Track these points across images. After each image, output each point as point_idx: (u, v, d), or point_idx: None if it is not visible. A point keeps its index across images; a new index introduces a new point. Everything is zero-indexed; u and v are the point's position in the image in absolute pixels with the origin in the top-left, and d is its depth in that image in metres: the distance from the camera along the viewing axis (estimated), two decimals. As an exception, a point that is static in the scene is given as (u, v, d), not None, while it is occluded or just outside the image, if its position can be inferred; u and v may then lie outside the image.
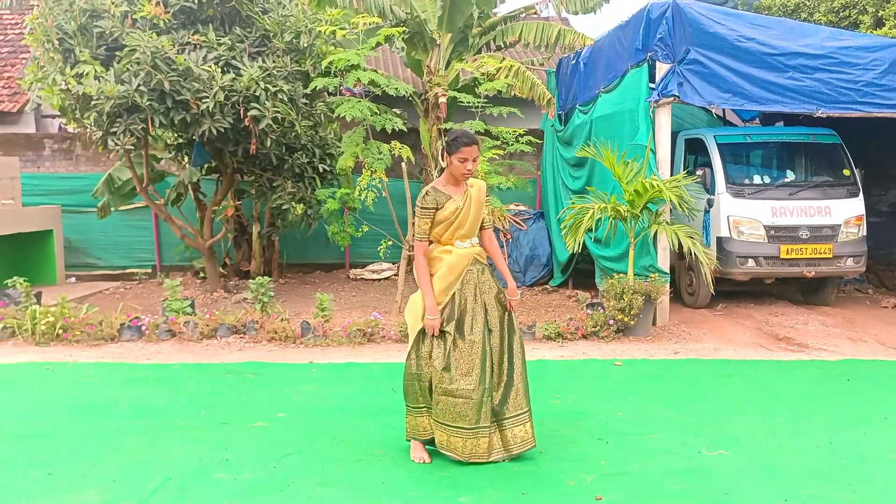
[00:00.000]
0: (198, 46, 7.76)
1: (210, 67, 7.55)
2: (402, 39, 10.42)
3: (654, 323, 7.43)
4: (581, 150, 8.36)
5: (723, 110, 10.77)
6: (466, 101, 8.75)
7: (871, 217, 8.81)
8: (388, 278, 10.69)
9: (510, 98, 9.67)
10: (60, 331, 6.86)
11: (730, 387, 5.50)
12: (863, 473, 3.81)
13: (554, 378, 5.62)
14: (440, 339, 3.78)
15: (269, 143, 8.13)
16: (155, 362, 6.23)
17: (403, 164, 8.14)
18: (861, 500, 3.51)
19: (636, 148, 7.56)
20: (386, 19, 9.66)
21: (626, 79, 7.96)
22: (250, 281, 8.23)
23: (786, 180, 8.65)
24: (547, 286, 9.99)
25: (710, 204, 8.41)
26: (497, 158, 8.71)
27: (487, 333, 3.82)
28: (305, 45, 8.31)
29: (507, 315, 3.93)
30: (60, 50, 7.81)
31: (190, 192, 9.99)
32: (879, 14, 10.11)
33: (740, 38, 7.45)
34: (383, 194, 8.30)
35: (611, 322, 7.01)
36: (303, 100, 8.31)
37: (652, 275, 7.28)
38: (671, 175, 7.85)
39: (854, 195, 8.40)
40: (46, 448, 4.15)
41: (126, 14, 7.78)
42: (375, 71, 8.77)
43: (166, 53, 7.43)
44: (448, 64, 10.20)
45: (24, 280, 7.70)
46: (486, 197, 4.02)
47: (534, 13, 11.16)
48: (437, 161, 9.28)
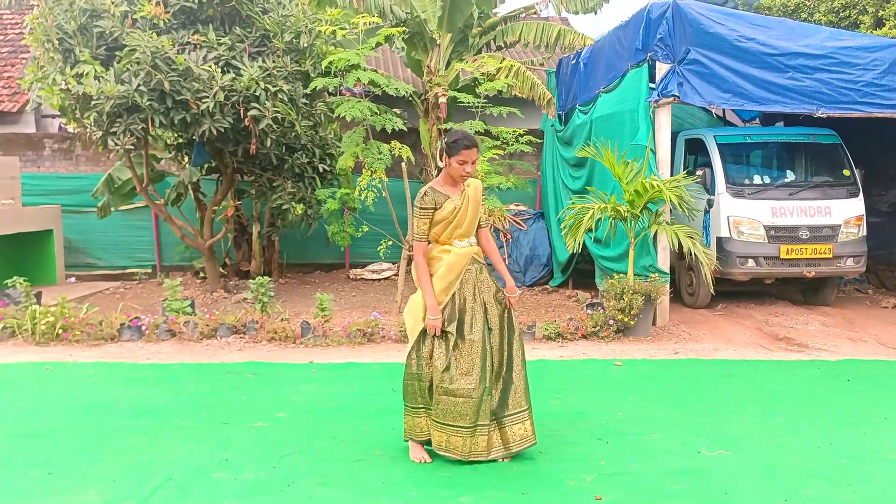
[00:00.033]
0: (198, 46, 7.77)
1: (210, 67, 7.55)
2: (402, 39, 10.43)
3: (654, 323, 7.43)
4: (581, 150, 8.36)
5: (723, 110, 10.77)
6: (466, 101, 8.75)
7: (871, 217, 8.81)
8: (388, 278, 10.70)
9: (510, 98, 9.67)
10: (60, 331, 6.87)
11: (730, 387, 5.50)
12: (863, 473, 3.81)
13: (554, 378, 5.62)
14: (441, 340, 3.78)
15: (269, 143, 8.13)
16: (155, 362, 6.23)
17: (403, 164, 8.14)
18: (861, 500, 3.51)
19: (636, 148, 7.56)
20: (386, 19, 9.66)
21: (626, 79, 7.97)
22: (250, 281, 8.23)
23: (786, 180, 8.65)
24: (547, 286, 9.99)
25: (710, 204, 8.41)
26: (497, 158, 8.71)
27: (487, 332, 3.83)
28: (305, 45, 8.31)
29: (507, 313, 3.93)
30: (60, 50, 7.81)
31: (190, 192, 9.99)
32: (879, 14, 10.11)
33: (740, 39, 7.45)
34: (383, 194, 8.31)
35: (611, 322, 7.01)
36: (303, 100, 8.31)
37: (652, 275, 7.28)
38: (671, 175, 7.85)
39: (854, 195, 8.40)
40: (46, 448, 4.15)
41: (126, 14, 7.79)
42: (375, 71, 8.77)
43: (166, 53, 7.43)
44: (448, 64, 10.20)
45: (24, 280, 7.70)
46: (483, 196, 4.02)
47: (534, 13, 11.17)
48: (437, 161, 9.28)
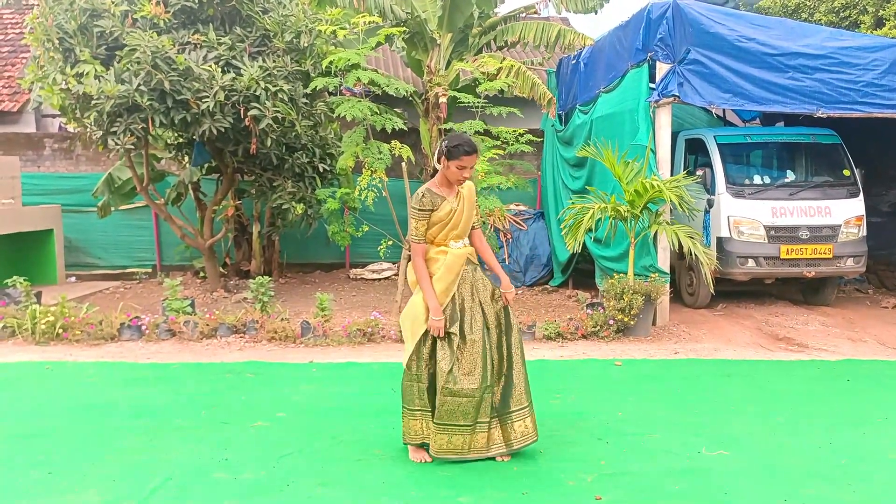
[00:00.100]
0: (198, 46, 7.77)
1: (210, 67, 7.55)
2: (403, 39, 10.43)
3: (654, 323, 7.43)
4: (581, 150, 8.36)
5: (723, 110, 10.77)
6: (467, 101, 8.75)
7: (872, 217, 8.81)
8: (388, 278, 10.69)
9: (510, 98, 9.68)
10: (60, 330, 6.86)
11: (730, 387, 5.50)
12: (863, 473, 3.81)
13: (554, 378, 5.62)
14: (444, 341, 3.78)
15: (270, 143, 8.13)
16: (155, 362, 6.23)
17: (403, 164, 8.14)
18: (861, 500, 3.51)
19: (636, 148, 7.56)
20: (386, 19, 9.66)
21: (627, 79, 7.96)
22: (250, 280, 8.23)
23: (786, 180, 8.65)
24: (547, 286, 9.99)
25: (711, 204, 8.41)
26: (497, 158, 8.70)
27: (486, 331, 3.84)
28: (306, 45, 8.31)
29: (504, 311, 3.95)
30: (61, 49, 7.81)
31: (190, 192, 9.98)
32: (880, 14, 10.11)
33: (741, 39, 7.45)
34: (383, 194, 8.31)
35: (611, 322, 7.01)
36: (303, 99, 8.31)
37: (652, 275, 7.28)
38: (671, 175, 7.85)
39: (854, 195, 8.40)
40: (46, 448, 4.15)
41: (126, 13, 7.79)
42: (376, 71, 8.77)
43: (166, 53, 7.43)
44: (448, 64, 10.20)
45: (25, 279, 7.69)
46: (475, 198, 4.05)
47: (534, 12, 11.17)
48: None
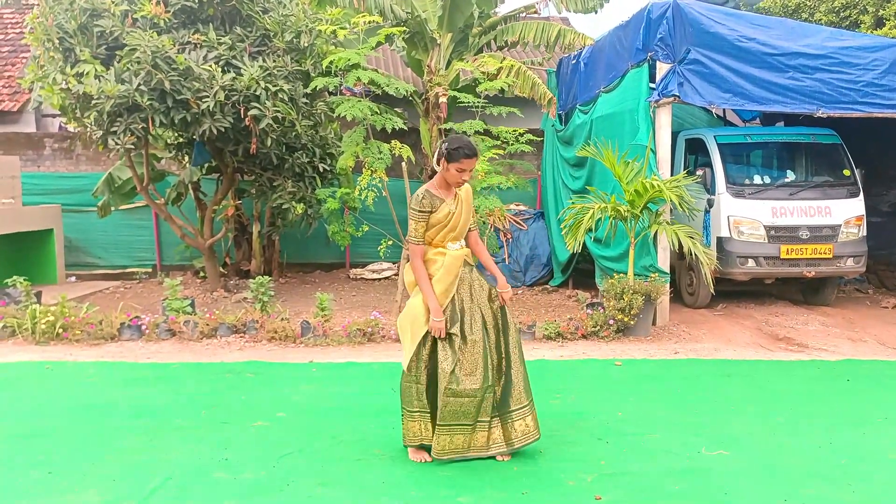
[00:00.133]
0: (198, 46, 7.76)
1: (210, 67, 7.55)
2: (403, 39, 10.43)
3: (654, 323, 7.43)
4: (581, 150, 8.36)
5: (723, 110, 10.77)
6: (467, 101, 8.75)
7: (872, 217, 8.80)
8: (389, 278, 10.69)
9: (510, 98, 9.67)
10: (60, 330, 6.86)
11: (730, 387, 5.50)
12: (863, 473, 3.81)
13: (554, 378, 5.62)
14: (444, 342, 3.78)
15: (270, 143, 8.13)
16: (155, 362, 6.23)
17: (404, 164, 8.14)
18: (861, 500, 3.51)
19: (636, 148, 7.56)
20: (386, 19, 9.66)
21: (627, 79, 7.96)
22: (250, 280, 8.23)
23: (786, 180, 8.65)
24: (547, 286, 10.00)
25: (711, 204, 8.41)
26: (497, 158, 8.70)
27: (485, 332, 3.85)
28: (306, 45, 8.31)
29: (501, 311, 3.97)
30: (61, 49, 7.81)
31: (190, 192, 9.98)
32: (880, 14, 10.11)
33: (741, 38, 7.45)
34: (383, 194, 8.30)
35: (611, 322, 7.01)
36: (303, 99, 8.31)
37: (652, 275, 7.27)
38: (671, 175, 7.85)
39: (854, 195, 8.40)
40: (46, 448, 4.15)
41: (126, 13, 7.79)
42: (376, 70, 8.77)
43: (167, 53, 7.43)
44: (448, 63, 10.20)
45: (25, 279, 7.69)
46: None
47: (534, 12, 11.17)
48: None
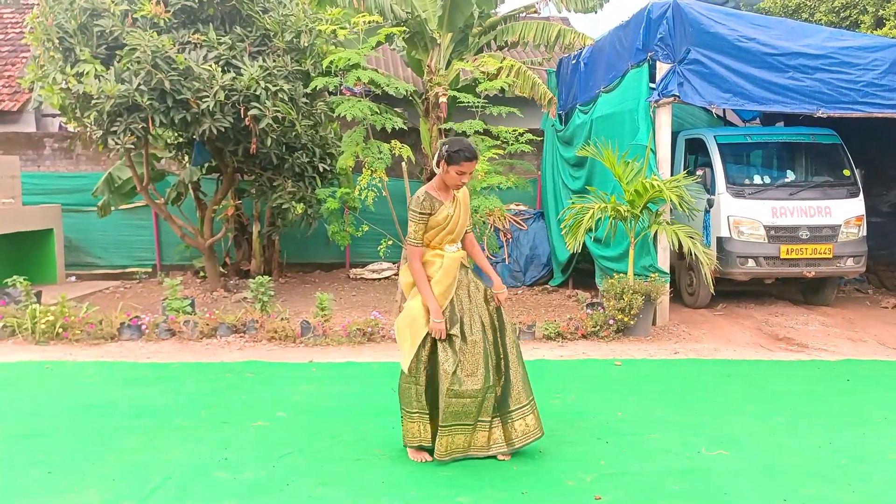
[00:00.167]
0: (198, 46, 7.76)
1: (210, 67, 7.55)
2: (403, 39, 10.43)
3: (654, 323, 7.43)
4: (581, 150, 8.36)
5: (723, 110, 10.77)
6: (467, 101, 8.75)
7: (872, 217, 8.81)
8: (388, 278, 10.69)
9: (510, 98, 9.67)
10: (60, 330, 6.86)
11: (730, 387, 5.50)
12: (862, 473, 3.81)
13: (554, 378, 5.63)
14: (444, 343, 3.79)
15: (270, 143, 8.13)
16: (155, 361, 6.23)
17: (404, 164, 8.14)
18: (861, 500, 3.51)
19: (636, 148, 7.56)
20: (386, 19, 9.66)
21: (627, 79, 7.96)
22: (250, 280, 8.23)
23: (786, 180, 8.65)
24: (547, 286, 10.00)
25: (711, 204, 8.41)
26: (497, 158, 8.70)
27: (484, 332, 3.86)
28: (306, 45, 8.31)
29: (498, 312, 3.98)
30: (61, 49, 7.81)
31: (190, 192, 9.99)
32: (880, 14, 10.10)
33: (741, 38, 7.45)
34: (383, 194, 8.31)
35: (611, 322, 7.01)
36: (303, 99, 8.31)
37: (652, 275, 7.27)
38: (671, 175, 7.85)
39: (854, 195, 8.40)
40: (46, 448, 4.15)
41: (126, 13, 7.79)
42: (376, 70, 8.77)
43: (167, 53, 7.43)
44: (448, 63, 10.20)
45: (24, 279, 7.69)
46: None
47: (534, 12, 11.17)
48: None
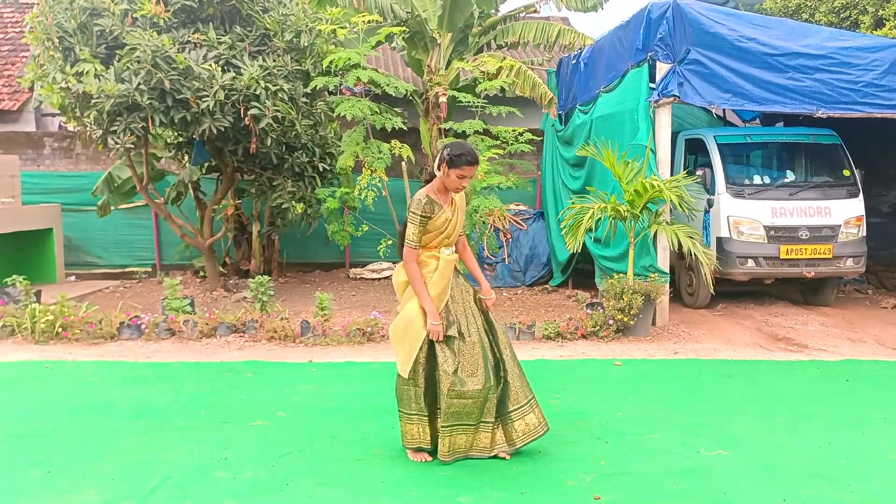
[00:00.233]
0: (198, 45, 7.76)
1: (210, 66, 7.54)
2: (403, 39, 10.43)
3: (654, 323, 7.43)
4: (581, 150, 8.36)
5: (723, 110, 10.77)
6: (466, 101, 8.76)
7: (872, 217, 8.81)
8: (388, 278, 10.69)
9: (510, 98, 9.68)
10: (60, 329, 6.86)
11: (730, 387, 5.50)
12: (862, 473, 3.82)
13: (553, 378, 5.63)
14: (444, 344, 3.79)
15: (270, 142, 8.13)
16: (154, 361, 6.22)
17: (403, 164, 8.15)
18: (860, 500, 3.51)
19: (636, 148, 7.56)
20: (386, 18, 9.66)
21: (627, 79, 7.96)
22: (250, 280, 8.23)
23: (786, 181, 8.65)
24: (547, 286, 10.00)
25: (710, 204, 8.41)
26: (497, 158, 8.71)
27: (480, 334, 3.89)
28: (306, 44, 8.30)
29: (485, 315, 4.01)
30: (60, 48, 7.81)
31: (190, 191, 9.99)
32: (879, 14, 10.11)
33: (741, 39, 7.45)
34: (383, 193, 8.32)
35: (610, 322, 7.01)
36: (303, 99, 8.31)
37: (652, 275, 7.28)
38: (671, 175, 7.85)
39: (854, 195, 8.40)
40: (46, 447, 4.14)
41: (126, 12, 7.79)
42: (376, 70, 8.78)
43: (166, 52, 7.43)
44: (448, 63, 10.20)
45: (24, 278, 7.68)
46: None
47: (534, 11, 11.17)
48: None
